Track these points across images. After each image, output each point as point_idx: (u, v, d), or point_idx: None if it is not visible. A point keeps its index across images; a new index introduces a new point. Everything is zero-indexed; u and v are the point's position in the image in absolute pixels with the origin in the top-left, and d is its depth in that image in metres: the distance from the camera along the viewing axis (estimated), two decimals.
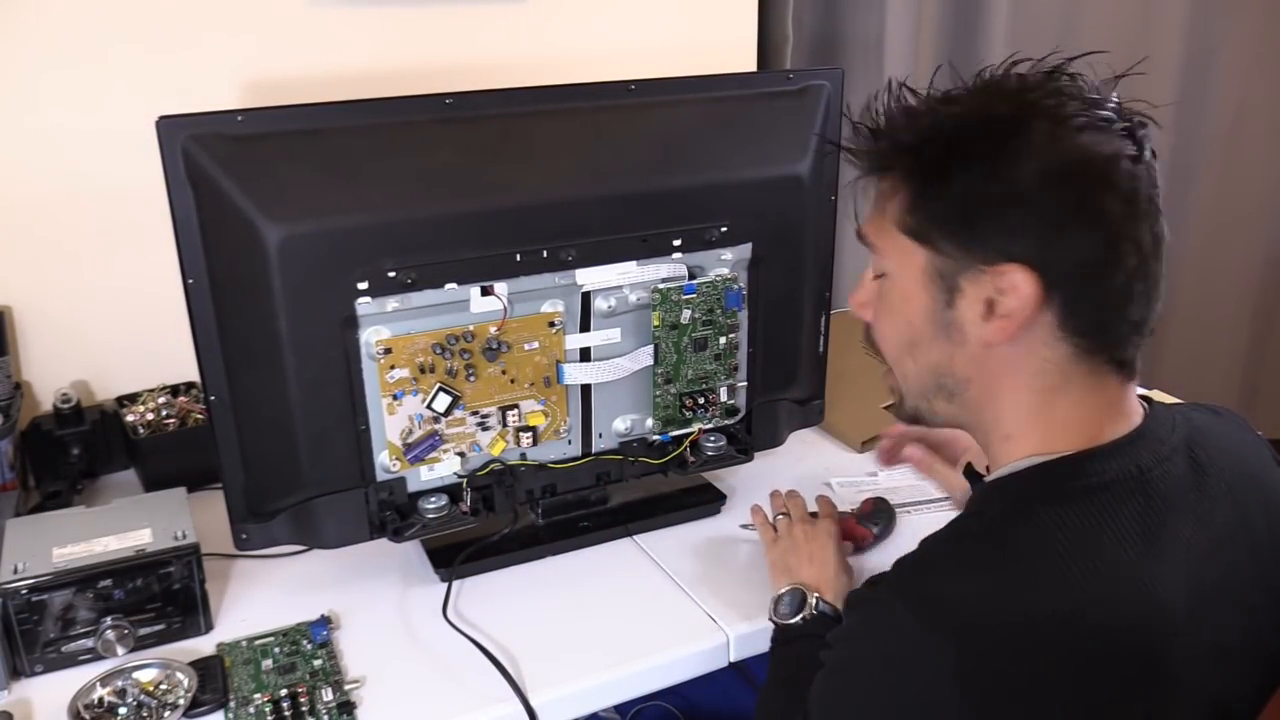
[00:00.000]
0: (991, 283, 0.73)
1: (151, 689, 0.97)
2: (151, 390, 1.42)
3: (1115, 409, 0.77)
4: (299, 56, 1.43)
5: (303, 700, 0.95)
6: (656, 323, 1.15)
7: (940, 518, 1.20)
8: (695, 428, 1.22)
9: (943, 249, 0.75)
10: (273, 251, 0.96)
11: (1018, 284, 0.72)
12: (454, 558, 1.12)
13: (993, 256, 0.73)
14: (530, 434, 1.13)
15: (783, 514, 1.14)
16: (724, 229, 1.15)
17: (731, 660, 1.06)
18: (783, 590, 1.01)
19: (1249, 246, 2.54)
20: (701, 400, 1.21)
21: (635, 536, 1.21)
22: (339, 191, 1.00)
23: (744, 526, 1.20)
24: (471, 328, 1.07)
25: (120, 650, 1.00)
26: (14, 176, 1.33)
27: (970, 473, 0.90)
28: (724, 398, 1.22)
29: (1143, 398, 0.82)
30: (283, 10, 1.41)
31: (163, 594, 1.02)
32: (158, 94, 1.34)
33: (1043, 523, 0.71)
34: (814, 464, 1.37)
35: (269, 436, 1.04)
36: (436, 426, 1.08)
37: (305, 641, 1.03)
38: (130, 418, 1.36)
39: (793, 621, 0.98)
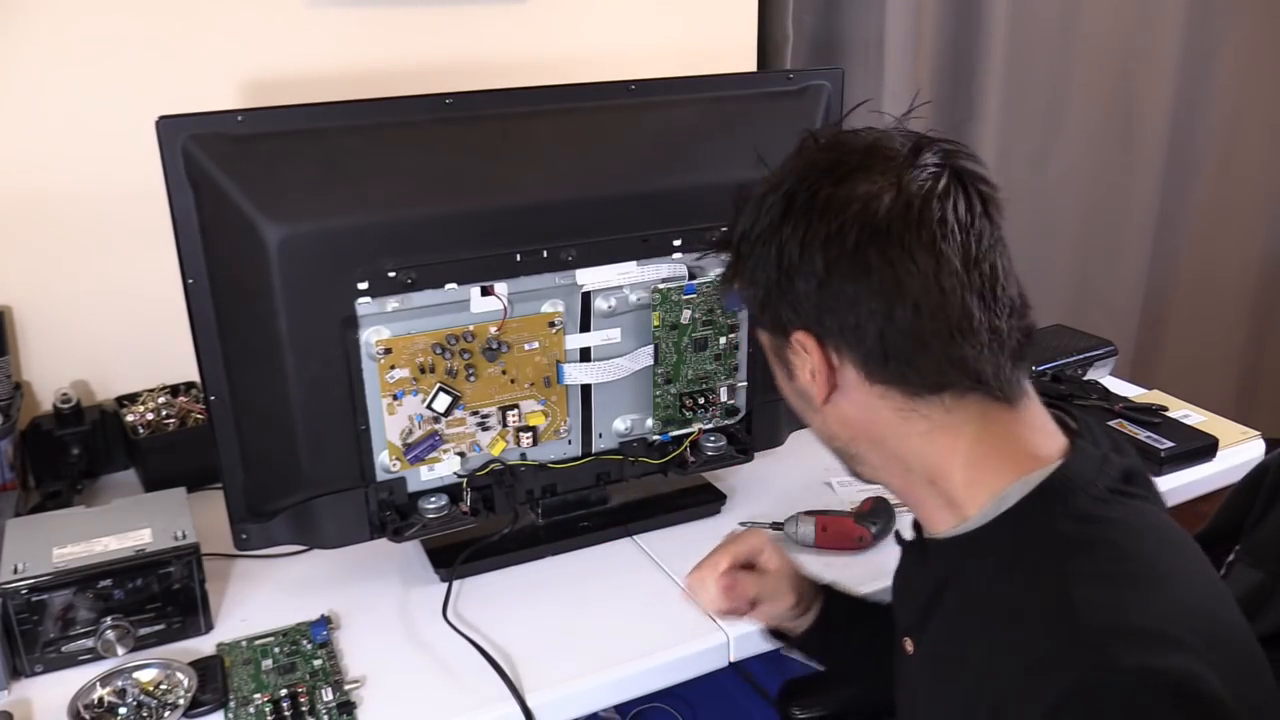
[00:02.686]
0: (794, 352, 0.76)
1: (151, 689, 0.97)
2: (151, 390, 1.42)
3: (1029, 431, 0.75)
4: (299, 56, 1.43)
5: (303, 700, 0.95)
6: (656, 323, 1.15)
7: None
8: (695, 428, 1.22)
9: (767, 330, 0.80)
10: (273, 251, 0.96)
11: (807, 347, 0.75)
12: (454, 558, 1.12)
13: (786, 329, 0.76)
14: (530, 434, 1.13)
15: None
16: (724, 229, 1.14)
17: (731, 660, 1.06)
18: None
19: (1247, 245, 2.55)
20: (701, 400, 1.21)
21: (635, 536, 1.21)
22: (339, 191, 1.00)
23: (743, 525, 1.20)
24: (471, 328, 1.07)
25: (120, 650, 1.00)
26: (14, 176, 1.33)
27: (904, 540, 0.84)
28: (724, 398, 1.22)
29: (1065, 411, 0.80)
30: (283, 10, 1.41)
31: (163, 594, 1.02)
32: (158, 94, 1.34)
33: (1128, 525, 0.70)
34: (814, 464, 1.36)
35: (269, 436, 1.04)
36: (436, 426, 1.08)
37: (305, 641, 1.03)
38: (130, 418, 1.36)
39: None
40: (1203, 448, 1.34)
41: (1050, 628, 0.65)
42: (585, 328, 1.13)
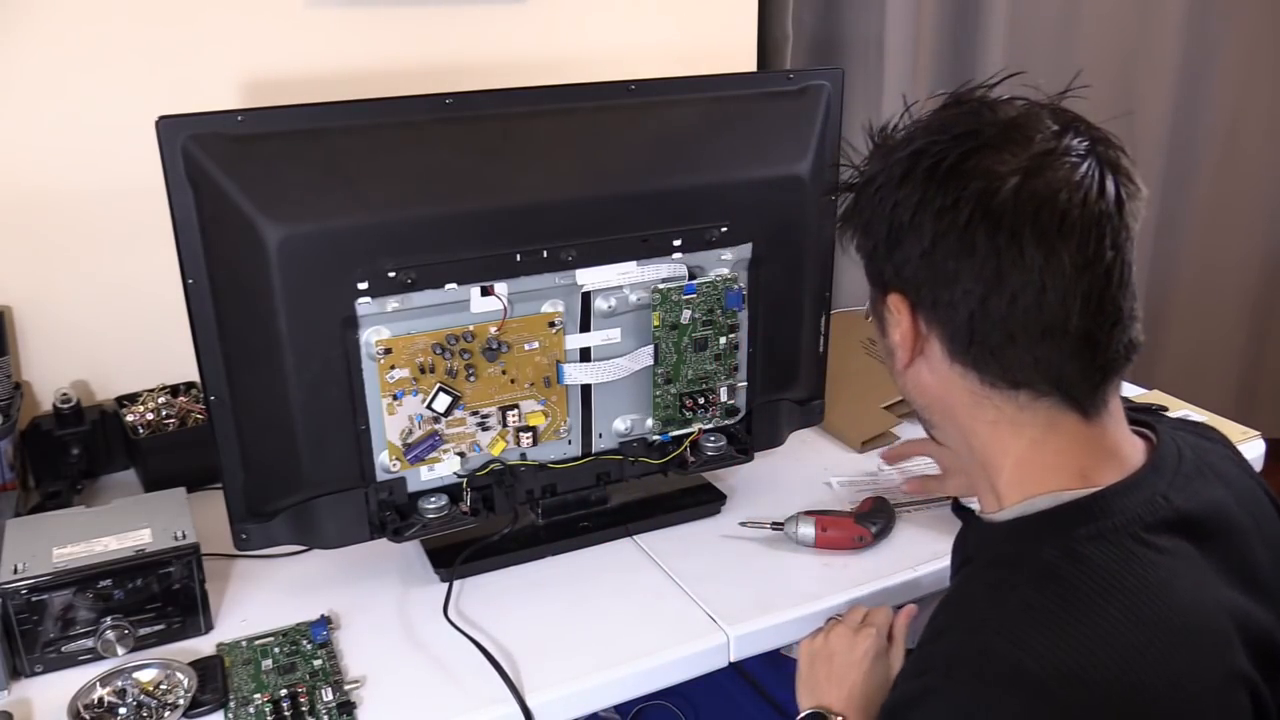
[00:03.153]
0: (888, 310, 0.76)
1: (151, 689, 0.97)
2: (151, 390, 1.42)
3: (1091, 449, 0.74)
4: (299, 56, 1.43)
5: (303, 700, 0.95)
6: (656, 323, 1.15)
7: (940, 516, 1.20)
8: (695, 428, 1.22)
9: (870, 282, 0.80)
10: (273, 251, 0.96)
11: (899, 310, 0.75)
12: (454, 558, 1.12)
13: (885, 287, 0.77)
14: (530, 434, 1.13)
15: (835, 617, 1.03)
16: (724, 229, 1.15)
17: (731, 660, 1.06)
18: (802, 715, 0.92)
19: (1247, 246, 2.55)
20: (701, 400, 1.21)
21: (635, 536, 1.21)
22: (339, 191, 1.00)
23: (743, 525, 1.20)
24: (471, 328, 1.07)
25: (120, 650, 1.00)
26: (14, 176, 1.33)
27: (959, 509, 0.89)
28: (724, 398, 1.22)
29: (1146, 426, 0.80)
30: (282, 10, 1.41)
31: (163, 594, 1.02)
32: (158, 94, 1.34)
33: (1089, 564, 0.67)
34: (814, 464, 1.37)
35: (269, 436, 1.04)
36: (436, 426, 1.08)
37: (305, 641, 1.03)
38: (130, 418, 1.36)
39: None
40: None
41: (958, 632, 0.68)
42: (585, 328, 1.13)
